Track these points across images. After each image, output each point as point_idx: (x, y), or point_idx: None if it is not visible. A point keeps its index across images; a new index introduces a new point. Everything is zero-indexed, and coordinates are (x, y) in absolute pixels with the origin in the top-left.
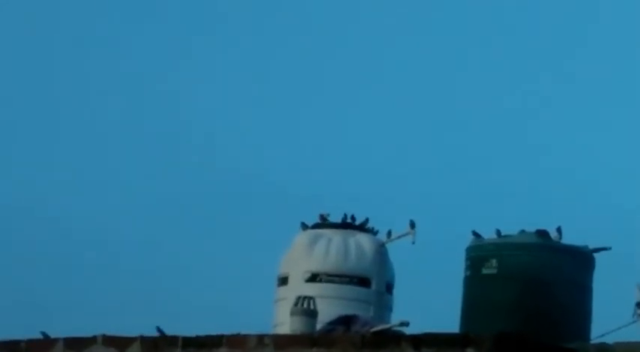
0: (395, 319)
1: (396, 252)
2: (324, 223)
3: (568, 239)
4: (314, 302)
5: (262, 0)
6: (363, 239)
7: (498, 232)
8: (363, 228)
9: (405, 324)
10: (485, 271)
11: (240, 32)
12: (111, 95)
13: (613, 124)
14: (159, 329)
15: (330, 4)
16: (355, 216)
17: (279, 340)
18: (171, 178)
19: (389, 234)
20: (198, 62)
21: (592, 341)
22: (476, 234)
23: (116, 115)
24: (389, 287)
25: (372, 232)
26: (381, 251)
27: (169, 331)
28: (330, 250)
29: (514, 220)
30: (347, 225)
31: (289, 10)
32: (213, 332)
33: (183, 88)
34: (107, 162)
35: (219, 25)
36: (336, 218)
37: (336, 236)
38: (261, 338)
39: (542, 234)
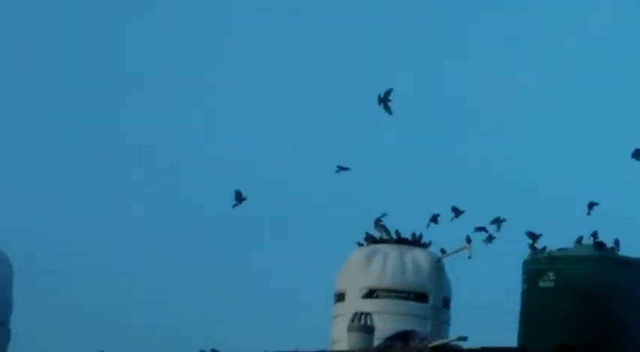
0: (452, 334)
1: (453, 267)
2: (380, 239)
3: (625, 251)
4: (371, 318)
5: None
6: (420, 254)
7: (556, 246)
8: (418, 243)
9: (463, 339)
10: (542, 284)
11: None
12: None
13: None
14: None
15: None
16: (406, 232)
17: None
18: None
19: (442, 251)
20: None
21: None
22: (533, 248)
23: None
24: (446, 302)
25: (426, 246)
26: (438, 266)
27: (225, 348)
28: (386, 266)
29: (571, 232)
30: (403, 240)
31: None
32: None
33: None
34: (139, 170)
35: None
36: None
37: (392, 251)
38: None
39: (600, 246)
